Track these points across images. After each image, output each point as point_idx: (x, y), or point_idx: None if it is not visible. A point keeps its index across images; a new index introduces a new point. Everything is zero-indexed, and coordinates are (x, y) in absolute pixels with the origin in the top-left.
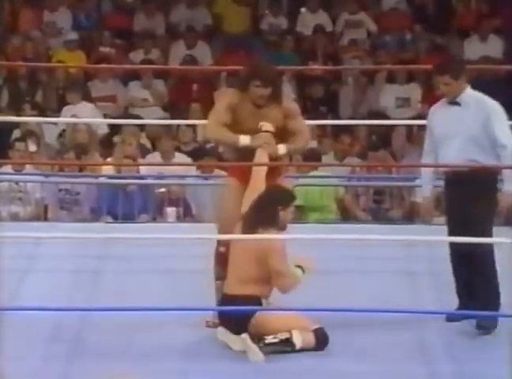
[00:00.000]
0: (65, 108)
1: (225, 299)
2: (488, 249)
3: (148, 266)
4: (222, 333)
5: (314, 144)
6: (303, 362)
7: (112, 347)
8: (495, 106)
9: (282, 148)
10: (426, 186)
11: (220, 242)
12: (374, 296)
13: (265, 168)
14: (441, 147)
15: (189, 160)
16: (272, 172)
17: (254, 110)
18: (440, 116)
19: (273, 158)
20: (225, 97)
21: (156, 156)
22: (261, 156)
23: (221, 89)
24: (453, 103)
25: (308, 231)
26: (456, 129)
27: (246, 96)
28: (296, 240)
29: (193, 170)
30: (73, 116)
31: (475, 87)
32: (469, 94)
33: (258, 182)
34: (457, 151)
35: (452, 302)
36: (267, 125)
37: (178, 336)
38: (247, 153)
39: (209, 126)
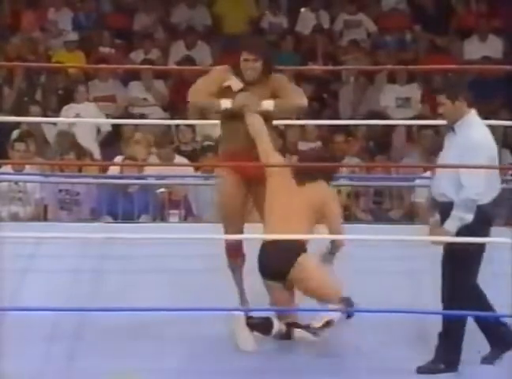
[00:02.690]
0: (65, 107)
1: (270, 245)
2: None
3: (148, 266)
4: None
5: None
6: (305, 359)
7: (112, 347)
8: (477, 144)
9: (268, 104)
10: None
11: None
12: (374, 296)
13: (262, 127)
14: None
15: (188, 161)
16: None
17: (249, 88)
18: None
19: (265, 115)
20: (215, 71)
21: (155, 159)
22: (253, 121)
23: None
24: (451, 128)
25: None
26: (442, 158)
27: (238, 73)
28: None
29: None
30: (77, 115)
31: (475, 87)
32: (467, 122)
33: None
34: (436, 179)
35: None
36: (233, 84)
37: (178, 336)
38: (235, 123)
39: (192, 92)
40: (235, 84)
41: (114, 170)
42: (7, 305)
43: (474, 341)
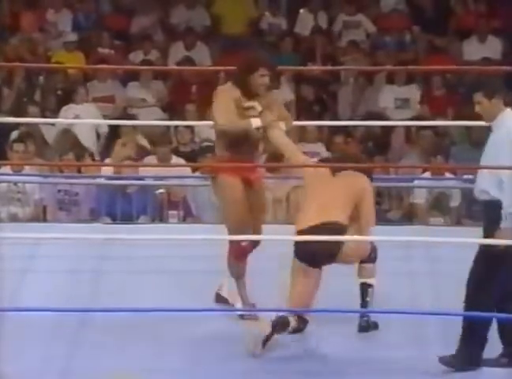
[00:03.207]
0: (65, 108)
1: (314, 230)
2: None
3: (147, 267)
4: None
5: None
6: (304, 363)
7: (111, 347)
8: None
9: (283, 125)
10: None
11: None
12: (376, 297)
13: (287, 139)
14: None
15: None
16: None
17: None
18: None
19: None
20: (225, 92)
21: (153, 159)
22: (278, 133)
23: (219, 87)
24: (490, 127)
25: None
26: (482, 157)
27: (244, 91)
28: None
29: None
30: (76, 116)
31: (474, 88)
32: (504, 120)
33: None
34: (478, 177)
35: (451, 302)
36: (255, 105)
37: (178, 336)
38: (243, 141)
39: (220, 117)
40: (256, 105)
41: (107, 170)
42: (7, 306)
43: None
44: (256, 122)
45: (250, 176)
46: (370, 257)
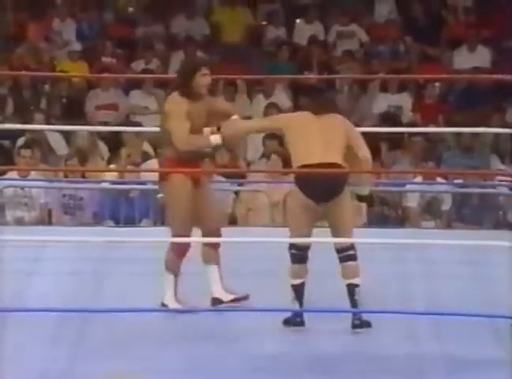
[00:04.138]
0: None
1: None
2: None
3: (149, 268)
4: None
5: None
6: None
7: (114, 348)
8: None
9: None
10: None
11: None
12: (369, 297)
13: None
14: None
15: None
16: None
17: (196, 106)
18: None
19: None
20: (178, 105)
21: (154, 163)
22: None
23: (169, 99)
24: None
25: None
26: None
27: (189, 97)
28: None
29: None
30: None
31: (465, 97)
32: None
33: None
34: None
35: (443, 302)
36: (212, 138)
37: (179, 337)
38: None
39: (180, 138)
40: (213, 138)
41: (111, 175)
42: (12, 307)
43: (475, 341)
44: (216, 140)
45: (200, 175)
46: (350, 255)
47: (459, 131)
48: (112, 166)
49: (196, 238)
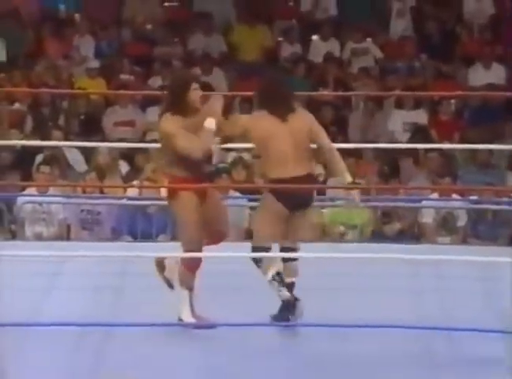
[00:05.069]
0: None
1: (297, 180)
2: None
3: None
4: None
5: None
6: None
7: (133, 361)
8: None
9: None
10: None
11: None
12: (380, 312)
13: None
14: None
15: None
16: None
17: (191, 121)
18: None
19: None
20: (175, 124)
21: None
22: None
23: (162, 120)
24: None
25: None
26: None
27: (183, 114)
28: (301, 258)
29: None
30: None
31: (480, 113)
32: None
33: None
34: None
35: (458, 317)
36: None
37: (198, 350)
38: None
39: (195, 150)
40: (207, 122)
41: (132, 191)
42: (32, 321)
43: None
44: (210, 124)
45: (206, 190)
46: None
47: (474, 147)
48: (134, 182)
49: (207, 254)
